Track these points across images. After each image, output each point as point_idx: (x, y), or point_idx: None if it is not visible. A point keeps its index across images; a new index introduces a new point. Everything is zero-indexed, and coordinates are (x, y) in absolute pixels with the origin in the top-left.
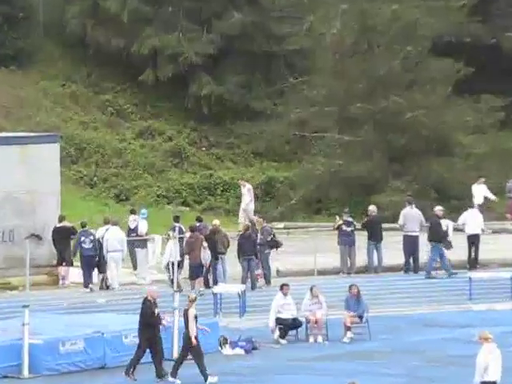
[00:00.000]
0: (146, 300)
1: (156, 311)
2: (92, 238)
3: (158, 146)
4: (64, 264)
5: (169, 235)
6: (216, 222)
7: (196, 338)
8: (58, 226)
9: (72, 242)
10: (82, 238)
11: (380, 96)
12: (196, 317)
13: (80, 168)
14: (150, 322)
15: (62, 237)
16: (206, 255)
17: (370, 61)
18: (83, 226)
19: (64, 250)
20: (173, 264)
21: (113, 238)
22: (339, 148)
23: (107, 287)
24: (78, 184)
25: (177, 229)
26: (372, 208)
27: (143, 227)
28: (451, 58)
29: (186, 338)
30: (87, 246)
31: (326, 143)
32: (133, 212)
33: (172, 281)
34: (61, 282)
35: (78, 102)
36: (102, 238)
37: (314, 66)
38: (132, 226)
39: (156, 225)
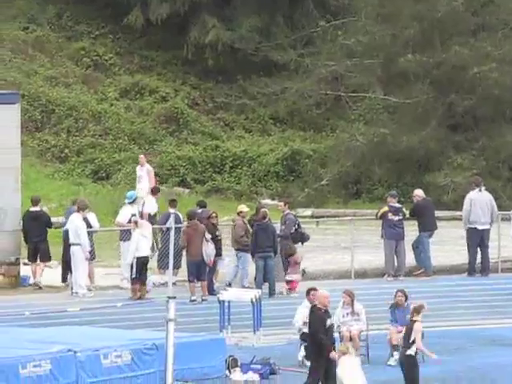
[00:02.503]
0: (314, 308)
1: (329, 322)
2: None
3: (148, 109)
4: (39, 261)
5: (135, 223)
6: (243, 207)
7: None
8: (33, 209)
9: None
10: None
11: (438, 45)
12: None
13: (46, 136)
14: (321, 339)
15: (38, 224)
16: (208, 250)
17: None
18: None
19: (40, 241)
20: (141, 261)
21: (70, 227)
22: (385, 112)
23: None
24: (44, 157)
25: (172, 216)
26: (418, 192)
27: (124, 215)
28: None
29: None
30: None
31: (368, 106)
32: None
33: (134, 281)
34: (31, 280)
35: (45, 50)
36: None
37: (352, 6)
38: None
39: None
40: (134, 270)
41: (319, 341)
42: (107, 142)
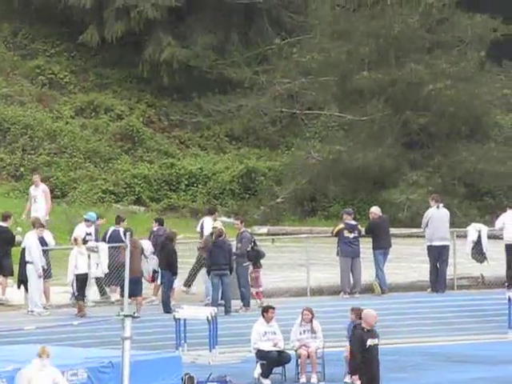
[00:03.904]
0: (355, 327)
1: (369, 342)
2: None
3: (103, 127)
4: (1, 277)
5: (75, 240)
6: (217, 224)
7: None
8: (1, 225)
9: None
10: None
11: (393, 62)
12: None
13: (2, 155)
14: (355, 360)
15: (4, 241)
16: (148, 266)
17: (380, 16)
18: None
19: (2, 256)
20: (81, 278)
21: (25, 245)
22: (340, 130)
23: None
24: None
25: (127, 235)
26: (375, 210)
27: (79, 233)
28: (485, 13)
29: None
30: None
31: (324, 124)
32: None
33: (76, 298)
34: None
35: None
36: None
37: (307, 23)
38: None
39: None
40: (75, 287)
41: (355, 361)
42: (62, 161)
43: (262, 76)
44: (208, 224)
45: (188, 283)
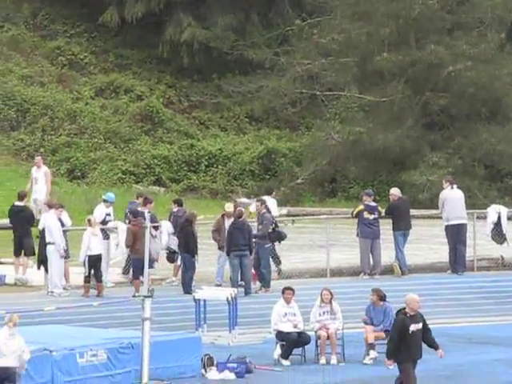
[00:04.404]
0: (398, 312)
1: (413, 328)
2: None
3: (123, 108)
4: (23, 255)
5: (89, 221)
6: (229, 205)
7: None
8: (17, 204)
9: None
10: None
11: (413, 43)
12: None
13: (22, 135)
14: (403, 344)
15: (20, 218)
16: (157, 246)
17: None
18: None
19: (24, 236)
20: (94, 259)
21: (44, 226)
22: (360, 111)
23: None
24: (19, 156)
25: (147, 216)
26: (394, 191)
27: (98, 214)
28: None
29: None
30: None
31: (344, 105)
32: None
33: (87, 279)
34: (17, 275)
35: (20, 49)
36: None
37: (327, 4)
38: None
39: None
40: (86, 268)
41: (393, 345)
42: (82, 141)
43: (283, 57)
44: (271, 203)
45: (126, 270)
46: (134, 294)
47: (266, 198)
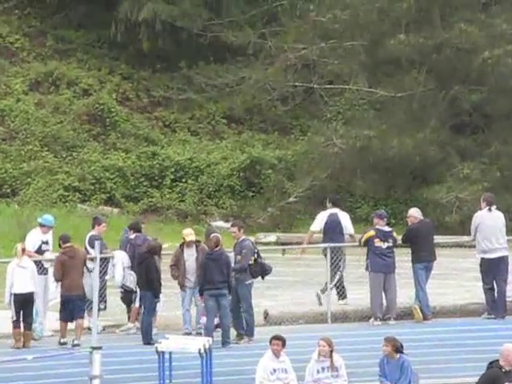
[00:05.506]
0: (491, 364)
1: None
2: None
3: (66, 106)
4: None
5: (21, 250)
6: (188, 232)
7: None
8: None
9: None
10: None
11: (438, 23)
12: None
13: None
14: None
15: None
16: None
17: None
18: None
19: None
20: (21, 299)
21: None
22: (370, 109)
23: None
24: None
25: (97, 244)
26: (414, 213)
27: (31, 242)
28: None
29: None
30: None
31: (349, 101)
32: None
33: (16, 324)
34: None
35: None
36: None
37: None
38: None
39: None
40: (13, 310)
41: None
42: (13, 149)
43: (270, 40)
44: (344, 218)
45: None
46: (60, 340)
47: (335, 210)
